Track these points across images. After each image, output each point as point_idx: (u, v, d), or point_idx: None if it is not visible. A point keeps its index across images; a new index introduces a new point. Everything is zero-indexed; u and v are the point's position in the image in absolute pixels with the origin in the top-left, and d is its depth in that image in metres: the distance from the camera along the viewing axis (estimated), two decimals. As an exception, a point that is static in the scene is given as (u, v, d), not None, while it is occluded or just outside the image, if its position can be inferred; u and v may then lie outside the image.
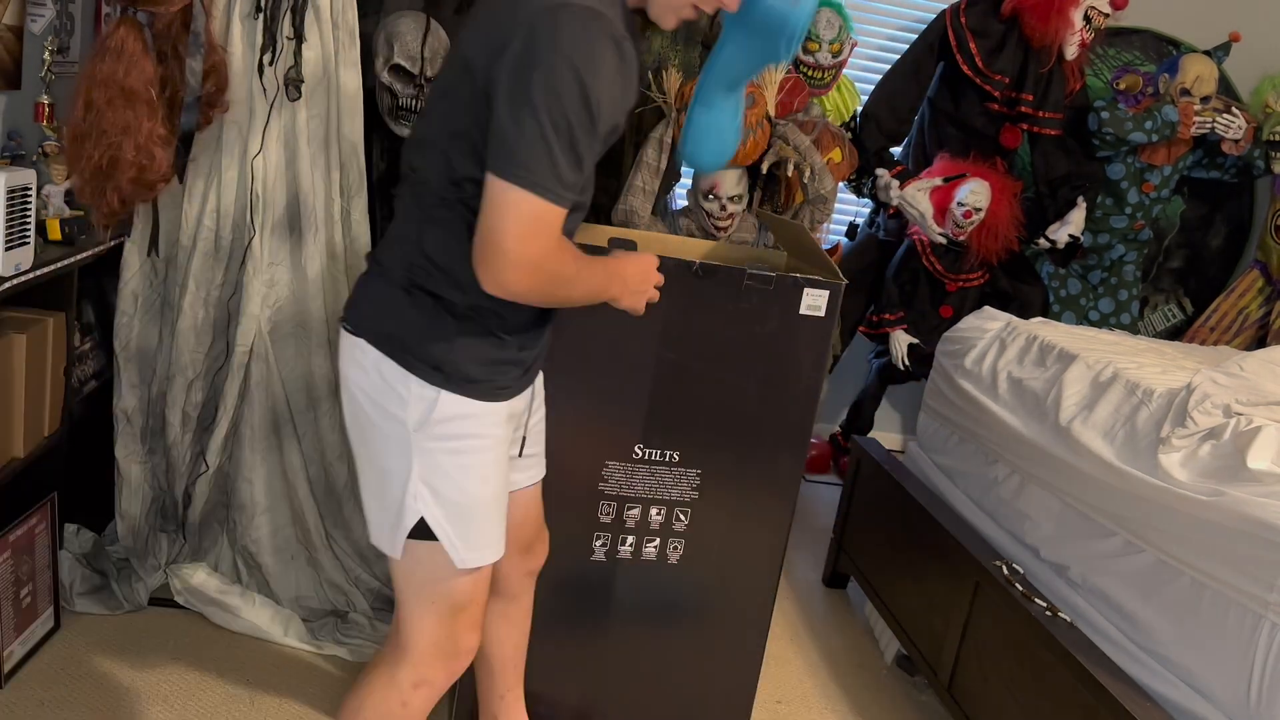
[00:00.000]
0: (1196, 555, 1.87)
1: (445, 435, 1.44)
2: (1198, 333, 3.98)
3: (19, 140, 2.17)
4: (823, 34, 3.30)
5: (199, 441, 2.40)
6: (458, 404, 1.44)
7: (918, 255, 3.58)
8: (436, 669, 1.53)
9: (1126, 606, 2.02)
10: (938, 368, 2.85)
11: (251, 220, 2.25)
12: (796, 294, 1.97)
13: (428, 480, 1.45)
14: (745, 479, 2.06)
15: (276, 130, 2.23)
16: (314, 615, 2.40)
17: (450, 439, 1.45)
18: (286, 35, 2.18)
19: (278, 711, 2.14)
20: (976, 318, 2.82)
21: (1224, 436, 1.96)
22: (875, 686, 2.62)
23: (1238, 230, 4.16)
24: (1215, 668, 1.79)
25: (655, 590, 2.10)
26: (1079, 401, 2.27)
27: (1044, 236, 3.63)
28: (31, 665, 2.13)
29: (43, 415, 2.12)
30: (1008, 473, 2.47)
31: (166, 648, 2.27)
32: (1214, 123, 3.57)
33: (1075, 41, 3.43)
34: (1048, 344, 2.50)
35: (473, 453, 1.47)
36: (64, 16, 2.29)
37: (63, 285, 2.11)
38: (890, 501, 2.71)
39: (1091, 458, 2.14)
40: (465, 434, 1.46)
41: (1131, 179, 3.69)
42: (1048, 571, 2.26)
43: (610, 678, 2.14)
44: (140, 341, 2.36)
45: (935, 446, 2.84)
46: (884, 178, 3.48)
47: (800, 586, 3.07)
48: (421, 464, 1.45)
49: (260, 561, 2.39)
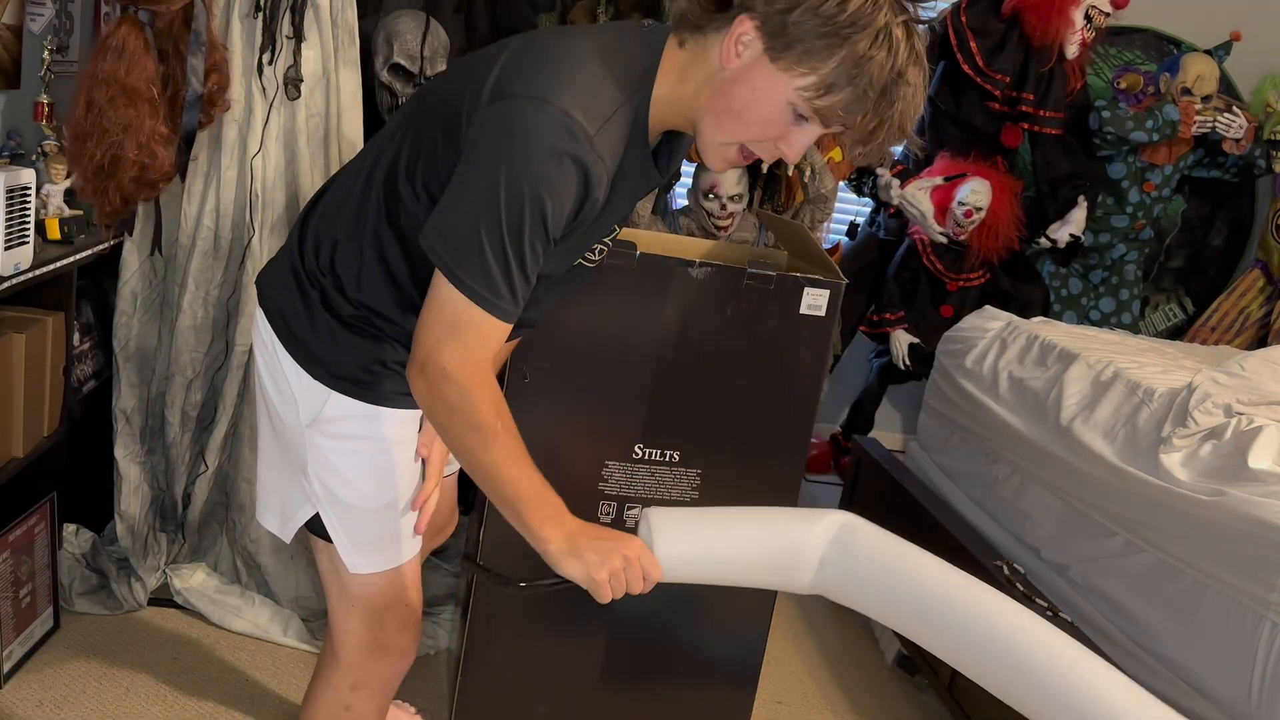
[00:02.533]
0: (1197, 555, 1.86)
1: (337, 435, 1.38)
2: (1199, 332, 3.98)
3: (18, 140, 2.17)
4: (823, 33, 3.30)
5: (198, 441, 2.39)
6: (347, 404, 1.37)
7: (918, 255, 3.58)
8: (370, 670, 1.49)
9: (1127, 606, 2.02)
10: (938, 367, 2.85)
11: (251, 219, 2.25)
12: (797, 293, 1.97)
13: (321, 477, 1.40)
14: (745, 479, 2.06)
15: (276, 129, 2.23)
16: (314, 615, 2.39)
17: (342, 439, 1.38)
18: (286, 34, 2.18)
19: (277, 711, 2.14)
20: (977, 317, 2.82)
21: (1225, 436, 1.96)
22: (875, 686, 2.61)
23: (1239, 230, 4.16)
24: (1216, 668, 1.79)
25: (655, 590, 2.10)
26: (1080, 401, 2.27)
27: (1045, 236, 3.63)
28: (31, 665, 2.13)
29: (42, 415, 2.11)
30: (1008, 472, 2.47)
31: (166, 648, 2.27)
32: (1215, 122, 3.57)
33: (1076, 40, 3.43)
34: (1048, 343, 2.50)
35: (368, 454, 1.40)
36: (63, 16, 2.29)
37: (62, 285, 2.11)
38: (891, 501, 2.71)
39: (1092, 457, 2.13)
40: (357, 435, 1.39)
41: (1132, 178, 3.68)
42: (1049, 571, 2.26)
43: (610, 678, 2.14)
44: (139, 341, 2.35)
45: (936, 446, 2.84)
46: (885, 177, 3.48)
47: (801, 586, 3.07)
48: (315, 460, 1.39)
49: (260, 561, 2.39)
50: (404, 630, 1.50)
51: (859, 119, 1.19)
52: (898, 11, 1.18)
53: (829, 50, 1.16)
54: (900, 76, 1.17)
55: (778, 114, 1.21)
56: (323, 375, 1.37)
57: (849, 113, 1.18)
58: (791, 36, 1.17)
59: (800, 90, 1.18)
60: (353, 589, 1.46)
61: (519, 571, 1.41)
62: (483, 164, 1.17)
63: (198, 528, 2.44)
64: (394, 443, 1.42)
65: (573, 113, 1.16)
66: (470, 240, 1.17)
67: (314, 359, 1.38)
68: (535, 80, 1.18)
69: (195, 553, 2.46)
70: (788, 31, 1.17)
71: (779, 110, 1.21)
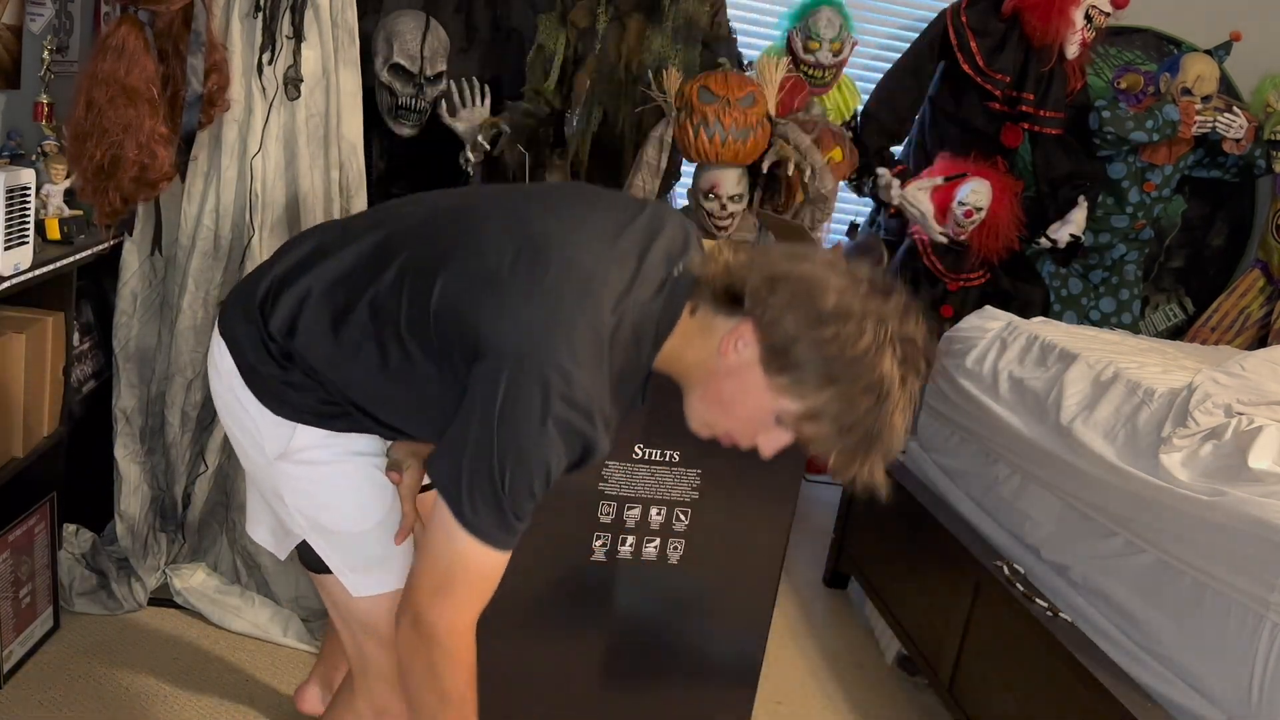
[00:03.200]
0: (1198, 555, 1.86)
1: (308, 461, 1.33)
2: (1199, 332, 3.98)
3: (18, 140, 2.17)
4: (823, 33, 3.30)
5: (198, 441, 2.39)
6: (313, 433, 1.33)
7: (918, 255, 3.58)
8: (392, 697, 1.42)
9: (1127, 606, 2.02)
10: (938, 367, 2.85)
11: (251, 219, 2.24)
12: (797, 293, 1.96)
13: (300, 508, 1.36)
14: (745, 479, 2.05)
15: (276, 130, 2.23)
16: (314, 615, 2.39)
17: (315, 465, 1.34)
18: (286, 34, 2.18)
19: (278, 711, 2.13)
20: (977, 317, 2.82)
21: (1225, 436, 1.96)
22: (875, 686, 2.61)
23: (1239, 230, 4.16)
24: (1216, 668, 1.79)
25: (655, 590, 2.10)
26: (1080, 401, 2.26)
27: (1045, 236, 3.63)
28: (31, 665, 2.13)
29: (42, 415, 2.11)
30: (1008, 473, 2.46)
31: (166, 648, 2.27)
32: (1215, 122, 3.57)
33: (1076, 40, 3.43)
34: (1049, 343, 2.50)
35: (343, 475, 1.36)
36: (63, 16, 2.29)
37: (62, 285, 2.11)
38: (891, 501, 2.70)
39: (1093, 458, 2.13)
40: (329, 460, 1.34)
41: (1133, 178, 3.68)
42: (1049, 571, 2.26)
43: (610, 678, 2.14)
44: (139, 341, 2.35)
45: (936, 446, 2.84)
46: (885, 177, 3.48)
47: (800, 586, 3.07)
48: (290, 490, 1.35)
49: (259, 561, 2.39)
50: None
51: (835, 452, 1.19)
52: (902, 363, 1.16)
53: (821, 386, 1.16)
54: (887, 425, 1.17)
55: (761, 416, 1.22)
56: (286, 411, 1.32)
57: (827, 444, 1.19)
58: (789, 362, 1.17)
59: (785, 411, 1.19)
60: (360, 616, 1.42)
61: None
62: (489, 423, 1.14)
63: (198, 528, 2.43)
64: (370, 455, 1.38)
65: (576, 377, 1.13)
66: (477, 488, 1.15)
67: (274, 396, 1.32)
68: (543, 337, 1.14)
69: (195, 553, 2.46)
70: (787, 355, 1.17)
71: (763, 414, 1.22)
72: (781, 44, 3.42)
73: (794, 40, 3.35)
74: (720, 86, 2.78)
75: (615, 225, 1.26)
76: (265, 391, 1.33)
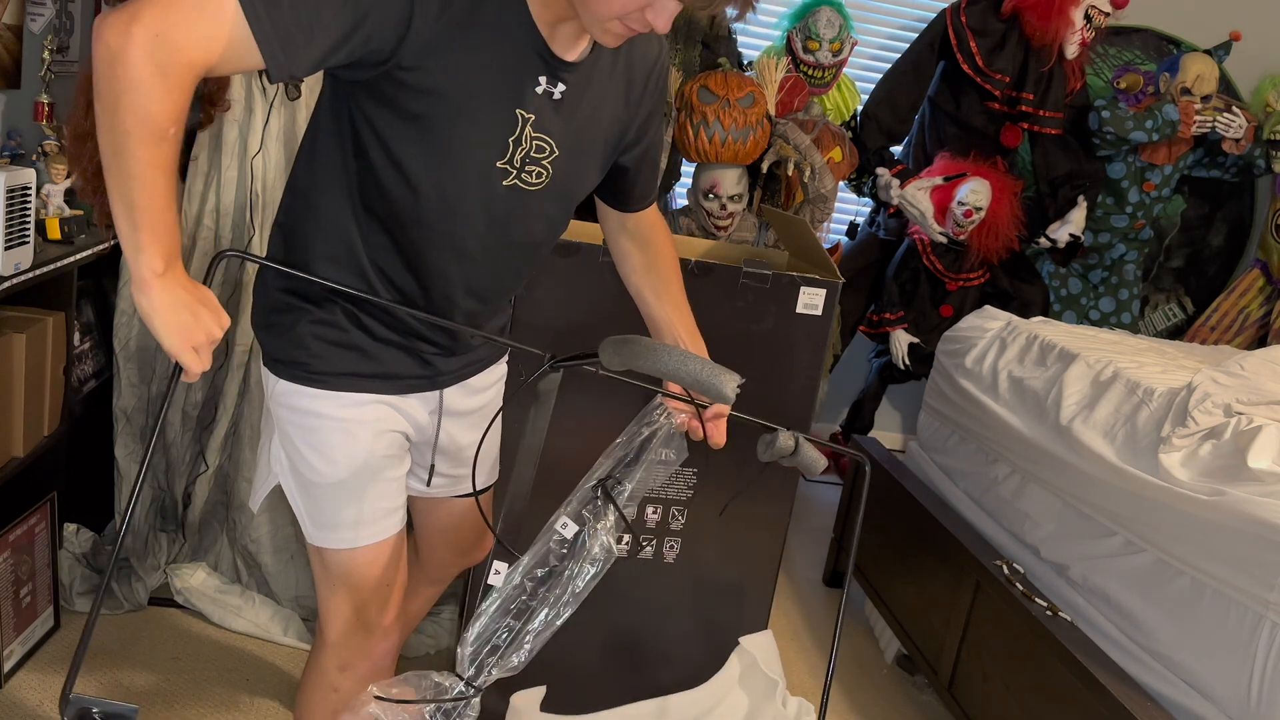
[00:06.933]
0: (1197, 555, 1.86)
1: (289, 407, 1.42)
2: (1198, 332, 3.98)
3: (19, 140, 2.17)
4: (823, 33, 3.30)
5: (199, 441, 2.39)
6: (288, 385, 1.41)
7: (918, 254, 3.58)
8: (354, 650, 1.51)
9: (1127, 606, 2.02)
10: (938, 367, 2.85)
11: (251, 219, 2.25)
12: (793, 292, 1.97)
13: (283, 446, 1.45)
14: (743, 478, 2.06)
15: (276, 129, 2.23)
16: (314, 615, 2.39)
17: (294, 411, 1.42)
18: (286, 34, 2.18)
19: (278, 711, 2.14)
20: (977, 317, 2.82)
21: (1225, 436, 1.96)
22: (875, 686, 2.61)
23: (1238, 229, 4.16)
24: (1215, 667, 1.79)
25: (652, 589, 2.10)
26: (1079, 401, 2.26)
27: (1045, 235, 3.63)
28: (31, 665, 2.13)
29: (42, 415, 2.11)
30: (1008, 472, 2.47)
31: (166, 648, 2.27)
32: (1215, 122, 3.57)
33: (1076, 40, 3.43)
34: (1048, 343, 2.50)
35: (319, 431, 1.41)
36: (63, 16, 2.29)
37: (62, 284, 2.11)
38: (891, 501, 2.71)
39: (1092, 457, 2.13)
40: (307, 410, 1.41)
41: (1132, 178, 3.68)
42: (1048, 571, 2.26)
43: (609, 678, 2.14)
44: (140, 341, 2.36)
45: (936, 446, 2.84)
46: (884, 177, 3.48)
47: (800, 586, 3.07)
48: (278, 430, 1.45)
49: (260, 561, 2.39)
50: (384, 609, 1.52)
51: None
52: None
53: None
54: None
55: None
56: (265, 358, 1.43)
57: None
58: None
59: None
60: (331, 567, 1.48)
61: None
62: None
63: (198, 527, 2.44)
64: (346, 421, 1.42)
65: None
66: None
67: (266, 332, 1.43)
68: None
69: (196, 552, 2.46)
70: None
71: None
72: (781, 44, 3.43)
73: (794, 40, 3.35)
74: (720, 86, 2.78)
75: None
76: (261, 318, 1.43)
